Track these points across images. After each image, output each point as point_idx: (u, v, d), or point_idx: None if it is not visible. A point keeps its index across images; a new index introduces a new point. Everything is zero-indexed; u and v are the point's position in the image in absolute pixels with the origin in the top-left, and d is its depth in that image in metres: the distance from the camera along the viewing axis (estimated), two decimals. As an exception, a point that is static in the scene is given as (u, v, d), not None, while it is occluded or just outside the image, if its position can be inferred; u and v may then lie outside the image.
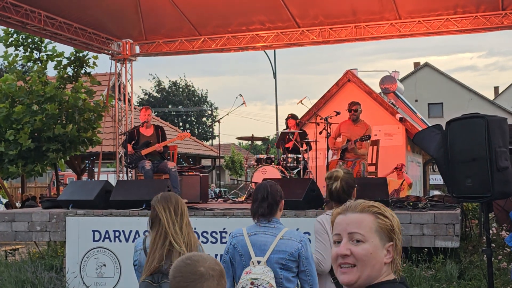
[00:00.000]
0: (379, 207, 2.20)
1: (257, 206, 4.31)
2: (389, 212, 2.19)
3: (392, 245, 2.15)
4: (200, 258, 2.49)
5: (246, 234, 4.27)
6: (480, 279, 7.22)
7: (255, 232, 4.27)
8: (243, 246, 4.23)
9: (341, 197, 4.45)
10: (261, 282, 3.96)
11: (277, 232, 4.26)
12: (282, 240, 4.22)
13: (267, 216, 4.28)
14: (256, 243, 4.21)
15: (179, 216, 4.21)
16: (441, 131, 6.43)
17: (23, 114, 13.98)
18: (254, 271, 4.04)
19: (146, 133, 10.68)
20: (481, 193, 5.95)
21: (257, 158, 11.18)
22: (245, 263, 4.20)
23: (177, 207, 4.23)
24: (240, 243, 4.25)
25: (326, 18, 12.88)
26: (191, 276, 2.41)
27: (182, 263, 2.47)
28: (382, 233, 2.14)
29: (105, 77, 17.95)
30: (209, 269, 2.43)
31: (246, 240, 4.23)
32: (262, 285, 3.95)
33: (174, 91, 58.33)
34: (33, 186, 33.70)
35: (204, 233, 8.17)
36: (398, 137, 15.25)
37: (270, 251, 4.19)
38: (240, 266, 4.21)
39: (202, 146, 30.62)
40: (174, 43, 14.29)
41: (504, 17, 11.89)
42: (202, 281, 2.40)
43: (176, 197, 4.31)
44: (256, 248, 4.20)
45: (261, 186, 4.39)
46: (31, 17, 11.65)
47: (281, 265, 4.18)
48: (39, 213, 9.25)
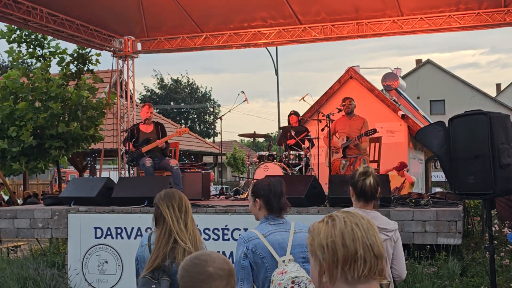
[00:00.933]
0: (312, 225, 2.19)
1: (279, 201, 4.25)
2: (318, 230, 2.14)
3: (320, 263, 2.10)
4: (208, 257, 2.44)
5: (261, 236, 4.18)
6: (482, 276, 7.22)
7: (270, 232, 4.19)
8: (263, 248, 4.13)
9: (374, 194, 4.40)
10: (301, 280, 3.90)
11: (288, 227, 4.24)
12: (296, 234, 4.21)
13: (284, 211, 4.27)
14: (274, 243, 4.14)
15: (183, 212, 4.19)
16: (443, 128, 6.42)
17: (26, 111, 14.00)
18: (289, 269, 3.96)
19: (146, 130, 10.67)
20: (483, 190, 5.94)
21: (259, 155, 11.16)
22: (268, 265, 4.10)
23: (181, 203, 4.21)
24: (259, 246, 4.14)
25: (328, 15, 12.86)
26: (199, 277, 2.37)
27: (190, 262, 2.44)
28: (312, 253, 2.14)
29: (107, 74, 17.98)
30: (217, 269, 2.40)
31: (264, 242, 4.13)
32: (303, 282, 3.91)
33: (176, 88, 58.35)
34: (35, 183, 33.73)
35: (206, 230, 8.17)
36: (400, 134, 15.25)
37: (290, 247, 4.15)
38: (263, 269, 4.12)
39: (204, 143, 30.65)
40: (176, 40, 14.29)
41: (506, 14, 11.86)
42: (211, 282, 2.37)
43: (179, 193, 4.28)
44: (276, 248, 4.13)
45: (276, 182, 4.35)
46: (33, 14, 11.64)
47: (302, 258, 4.16)
48: (41, 210, 9.25)
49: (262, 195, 4.27)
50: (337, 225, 2.09)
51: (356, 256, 2.03)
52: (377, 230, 2.13)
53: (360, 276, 2.04)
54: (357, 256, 2.04)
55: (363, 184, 4.37)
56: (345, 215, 2.14)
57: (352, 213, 2.14)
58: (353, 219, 2.11)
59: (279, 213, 4.27)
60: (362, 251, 2.04)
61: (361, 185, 4.38)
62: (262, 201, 4.27)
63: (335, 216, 2.14)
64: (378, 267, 2.07)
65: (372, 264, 2.05)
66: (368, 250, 2.05)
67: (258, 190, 4.32)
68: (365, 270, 2.04)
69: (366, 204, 4.41)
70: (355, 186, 4.42)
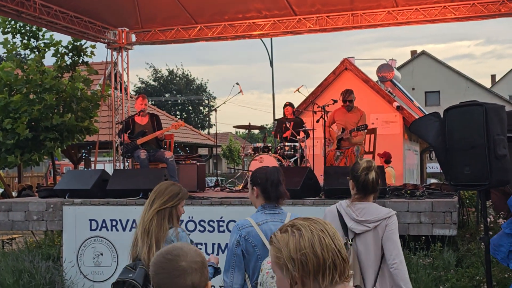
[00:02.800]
0: (275, 236, 2.17)
1: (276, 190, 4.25)
2: (284, 242, 2.12)
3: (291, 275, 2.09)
4: (180, 252, 2.41)
5: (254, 224, 4.19)
6: (477, 266, 7.23)
7: (264, 221, 4.21)
8: (255, 236, 4.15)
9: (375, 188, 4.36)
10: None
11: (283, 218, 4.24)
12: None
13: (282, 199, 4.27)
14: (268, 232, 4.14)
15: (150, 202, 4.42)
16: (439, 119, 6.41)
17: (20, 103, 13.95)
18: None
19: (141, 122, 10.64)
20: (479, 181, 5.93)
21: (254, 147, 11.14)
22: (259, 253, 4.13)
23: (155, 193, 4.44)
24: (251, 234, 4.16)
25: (323, 6, 12.81)
26: (174, 272, 2.35)
27: (163, 258, 2.40)
28: (280, 266, 2.13)
29: (101, 66, 17.91)
30: (191, 263, 2.37)
31: (257, 230, 4.15)
32: None
33: (171, 80, 58.24)
34: (29, 176, 33.68)
35: (202, 222, 8.16)
36: (395, 126, 15.26)
37: None
38: (254, 258, 4.14)
39: (199, 135, 30.61)
40: (171, 31, 14.23)
41: (501, 5, 11.84)
42: (186, 276, 2.34)
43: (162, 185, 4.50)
44: (269, 237, 4.15)
45: (272, 170, 4.35)
46: (26, 6, 11.57)
47: None
48: (35, 203, 9.23)
49: (259, 183, 4.28)
50: (304, 235, 2.10)
51: (327, 264, 2.06)
52: (338, 234, 2.16)
53: (332, 281, 2.06)
54: (328, 264, 2.06)
55: (366, 178, 4.32)
56: (308, 223, 2.14)
57: (314, 220, 2.16)
58: (318, 226, 2.12)
59: (276, 201, 4.27)
60: (332, 257, 2.07)
61: (363, 179, 4.32)
62: (259, 189, 4.28)
63: (299, 225, 2.14)
64: (346, 270, 2.11)
65: (341, 268, 2.09)
66: (337, 255, 2.08)
67: (255, 178, 4.32)
68: (335, 275, 2.07)
69: (364, 197, 4.37)
70: (357, 180, 4.36)
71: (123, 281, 4.18)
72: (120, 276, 4.24)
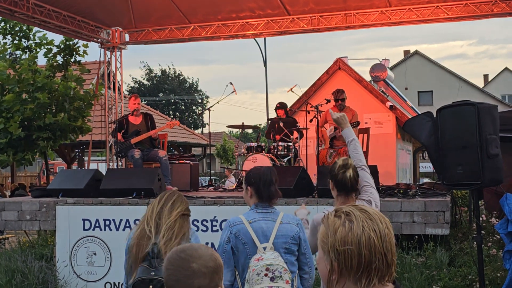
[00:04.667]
0: (327, 218, 2.09)
1: (269, 189, 4.29)
2: (333, 228, 2.03)
3: (331, 264, 2.03)
4: (194, 253, 2.40)
5: (246, 221, 4.23)
6: (470, 266, 7.26)
7: (255, 219, 4.25)
8: (245, 233, 4.19)
9: (354, 186, 4.26)
10: (276, 268, 3.95)
11: (275, 217, 4.28)
12: (282, 224, 4.25)
13: (274, 199, 4.31)
14: (258, 230, 4.19)
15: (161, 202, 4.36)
16: (431, 118, 6.44)
17: (13, 103, 13.92)
18: (266, 257, 4.01)
19: (135, 121, 10.63)
20: (471, 181, 5.96)
21: (248, 146, 11.14)
22: (249, 251, 4.16)
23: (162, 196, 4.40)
24: (242, 231, 4.20)
25: (316, 5, 12.82)
26: (183, 272, 2.34)
27: (176, 255, 2.41)
28: (324, 248, 2.07)
29: (94, 65, 17.86)
30: (201, 266, 2.36)
31: (248, 228, 4.19)
32: (278, 270, 3.94)
33: (164, 80, 58.17)
34: (22, 175, 33.57)
35: (195, 221, 8.16)
36: (388, 125, 15.26)
37: (273, 237, 4.19)
38: (244, 255, 4.18)
39: (193, 135, 30.57)
40: (164, 31, 14.22)
41: (494, 5, 11.88)
42: (193, 278, 2.34)
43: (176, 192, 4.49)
44: (259, 235, 4.19)
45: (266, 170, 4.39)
46: (19, 5, 11.54)
47: (285, 249, 4.20)
48: (28, 202, 9.21)
49: (253, 183, 4.33)
50: (354, 231, 1.99)
51: (370, 266, 1.98)
52: (393, 234, 2.06)
53: (370, 283, 1.99)
54: (371, 266, 1.98)
55: (343, 177, 4.22)
56: (364, 216, 2.03)
57: (371, 214, 2.04)
58: (371, 224, 2.01)
59: (269, 201, 4.31)
60: (376, 260, 1.98)
61: (341, 178, 4.23)
62: (253, 189, 4.33)
63: (353, 216, 2.03)
64: (388, 274, 2.02)
65: (383, 272, 2.00)
66: (382, 259, 1.99)
67: (249, 178, 4.38)
68: (375, 279, 1.99)
69: (347, 198, 4.26)
70: (335, 179, 4.27)
71: (150, 279, 4.11)
72: (142, 274, 4.14)
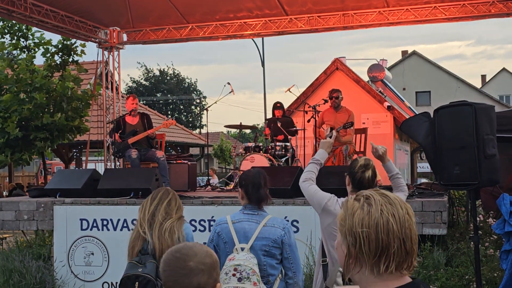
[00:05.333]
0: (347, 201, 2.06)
1: (259, 192, 4.33)
2: (352, 211, 1.98)
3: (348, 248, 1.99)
4: (190, 251, 2.41)
5: (230, 221, 4.31)
6: (467, 266, 7.27)
7: (239, 220, 4.31)
8: (227, 233, 4.27)
9: (370, 186, 4.33)
10: (244, 268, 4.00)
11: (260, 219, 4.31)
12: (265, 227, 4.27)
13: (262, 202, 4.34)
14: (240, 231, 4.26)
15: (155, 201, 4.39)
16: (429, 119, 6.45)
17: (10, 103, 13.90)
18: (237, 257, 4.08)
19: (132, 121, 10.63)
20: (468, 181, 5.97)
21: (245, 147, 11.15)
22: (229, 250, 4.24)
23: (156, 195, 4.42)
24: (224, 231, 4.29)
25: (314, 5, 12.82)
26: (180, 271, 2.35)
27: (172, 256, 2.41)
28: (342, 232, 2.02)
29: (92, 65, 17.85)
30: (198, 263, 2.37)
31: (230, 228, 4.27)
32: (245, 271, 3.99)
33: (162, 80, 58.13)
34: (20, 175, 33.54)
35: (193, 221, 8.17)
36: (386, 125, 15.28)
37: (253, 238, 4.23)
38: (225, 254, 4.24)
39: (190, 135, 30.56)
40: (162, 31, 14.22)
41: (491, 5, 11.90)
42: (191, 276, 2.35)
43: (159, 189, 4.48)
44: (240, 235, 4.24)
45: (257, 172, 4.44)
46: (17, 5, 11.53)
47: (264, 252, 4.23)
48: (26, 202, 9.21)
49: (243, 185, 4.41)
50: (372, 214, 1.94)
51: (388, 251, 1.93)
52: (414, 221, 2.00)
53: (387, 270, 1.94)
54: (389, 251, 1.93)
55: (362, 176, 4.37)
56: (383, 201, 1.98)
57: (391, 199, 1.99)
58: (391, 208, 1.96)
59: (257, 204, 4.35)
60: (395, 247, 1.93)
61: (359, 177, 4.38)
62: (243, 191, 4.41)
63: (372, 200, 1.98)
64: (407, 262, 1.97)
65: (401, 259, 1.95)
66: (400, 246, 1.93)
67: (241, 180, 4.48)
68: (392, 265, 1.94)
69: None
70: (353, 176, 4.42)
71: (136, 276, 4.11)
72: (129, 271, 4.15)
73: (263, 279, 4.18)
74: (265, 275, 4.22)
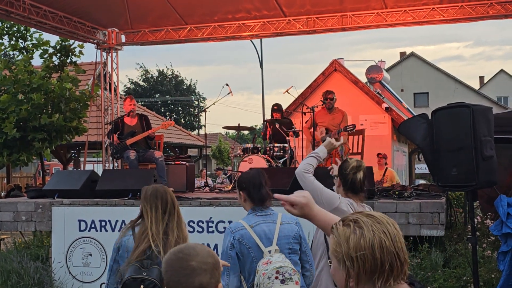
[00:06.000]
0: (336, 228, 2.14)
1: (259, 192, 4.31)
2: (344, 237, 2.09)
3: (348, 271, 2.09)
4: (192, 251, 2.42)
5: (247, 226, 4.24)
6: (465, 267, 7.28)
7: (256, 223, 4.26)
8: (249, 238, 4.19)
9: (362, 188, 4.37)
10: (286, 270, 3.97)
11: (274, 218, 4.31)
12: (282, 225, 4.28)
13: (266, 201, 4.33)
14: (261, 233, 4.21)
15: (167, 214, 4.23)
16: (426, 120, 6.46)
17: (8, 103, 13.90)
18: (274, 260, 4.02)
19: (131, 123, 10.63)
20: (466, 182, 5.98)
21: (244, 148, 11.15)
22: (254, 255, 4.17)
23: (166, 205, 4.24)
24: (245, 236, 4.20)
25: (312, 6, 12.84)
26: (182, 271, 2.35)
27: (174, 256, 2.42)
28: (338, 258, 2.12)
29: (90, 66, 17.85)
30: (201, 263, 2.38)
31: (251, 233, 4.20)
32: (288, 272, 3.97)
33: (161, 81, 58.11)
34: (18, 176, 33.49)
35: (191, 222, 8.16)
36: (384, 127, 15.31)
37: (276, 239, 4.21)
38: (249, 260, 4.18)
39: (189, 136, 30.58)
40: (160, 32, 14.22)
41: (489, 7, 11.92)
42: (194, 276, 2.35)
43: (164, 193, 4.30)
44: (263, 239, 4.20)
45: (256, 173, 4.42)
46: (15, 6, 11.53)
47: (289, 249, 4.24)
48: (24, 203, 9.20)
49: (244, 187, 4.37)
50: (366, 236, 2.07)
51: (384, 267, 2.05)
52: (401, 233, 2.14)
53: (386, 283, 2.06)
54: (384, 267, 2.05)
55: (354, 178, 4.35)
56: (372, 221, 2.11)
57: (378, 218, 2.13)
58: (381, 227, 2.09)
59: (261, 203, 4.34)
60: (390, 261, 2.06)
61: (351, 178, 4.35)
62: (245, 193, 4.36)
63: (362, 223, 2.10)
64: (402, 273, 2.10)
65: (398, 271, 2.08)
66: (395, 258, 2.07)
67: (240, 183, 4.42)
68: (390, 278, 2.06)
69: (355, 196, 4.38)
70: (345, 178, 4.39)
71: (142, 279, 4.07)
72: (134, 273, 4.10)
73: None
74: None
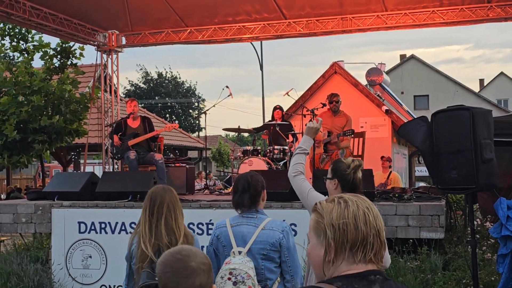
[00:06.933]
0: (320, 204, 2.16)
1: (239, 197, 4.35)
2: (328, 210, 2.11)
3: (328, 242, 2.08)
4: (190, 252, 2.44)
5: (229, 225, 4.32)
6: (464, 270, 7.27)
7: (238, 223, 4.32)
8: (226, 237, 4.28)
9: (359, 187, 4.17)
10: (239, 272, 4.00)
11: (259, 222, 4.30)
12: (264, 230, 4.25)
13: (249, 207, 4.33)
14: (238, 234, 4.26)
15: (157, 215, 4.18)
16: (426, 123, 6.47)
17: (9, 105, 13.91)
18: (233, 261, 4.08)
19: (133, 124, 10.64)
20: (466, 185, 5.98)
21: (244, 150, 11.15)
22: (227, 254, 4.25)
23: (161, 206, 4.19)
24: (223, 234, 4.30)
25: (312, 9, 12.85)
26: (183, 272, 2.36)
27: (172, 257, 2.42)
28: (318, 231, 2.12)
29: (91, 68, 17.87)
30: (200, 264, 2.39)
31: (229, 231, 4.28)
32: (240, 275, 3.99)
33: (161, 83, 58.12)
34: (18, 178, 33.50)
35: (191, 224, 8.17)
36: (384, 129, 15.30)
37: (251, 242, 4.22)
38: (223, 257, 4.26)
39: (189, 138, 30.57)
40: (160, 34, 14.24)
41: (489, 10, 11.94)
42: (194, 277, 2.36)
43: (157, 194, 4.26)
44: (238, 239, 4.25)
45: (242, 177, 4.43)
46: (16, 8, 11.54)
47: (262, 255, 4.21)
48: (24, 205, 9.21)
49: (233, 190, 4.49)
50: (350, 207, 2.09)
51: (366, 240, 2.06)
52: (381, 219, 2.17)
53: (365, 259, 2.06)
54: (367, 240, 2.06)
55: (354, 177, 4.14)
56: (356, 198, 2.14)
57: (362, 198, 2.16)
58: (364, 203, 2.12)
59: (236, 208, 4.38)
60: (372, 235, 2.07)
61: (351, 178, 4.13)
62: (233, 195, 4.46)
63: (347, 198, 2.13)
64: (380, 253, 2.11)
65: (377, 249, 2.09)
66: (376, 235, 2.08)
67: (233, 185, 4.54)
68: (371, 254, 2.07)
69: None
70: (345, 178, 4.14)
71: (155, 285, 4.03)
72: (148, 280, 4.06)
73: (261, 283, 4.17)
74: (263, 279, 4.20)
